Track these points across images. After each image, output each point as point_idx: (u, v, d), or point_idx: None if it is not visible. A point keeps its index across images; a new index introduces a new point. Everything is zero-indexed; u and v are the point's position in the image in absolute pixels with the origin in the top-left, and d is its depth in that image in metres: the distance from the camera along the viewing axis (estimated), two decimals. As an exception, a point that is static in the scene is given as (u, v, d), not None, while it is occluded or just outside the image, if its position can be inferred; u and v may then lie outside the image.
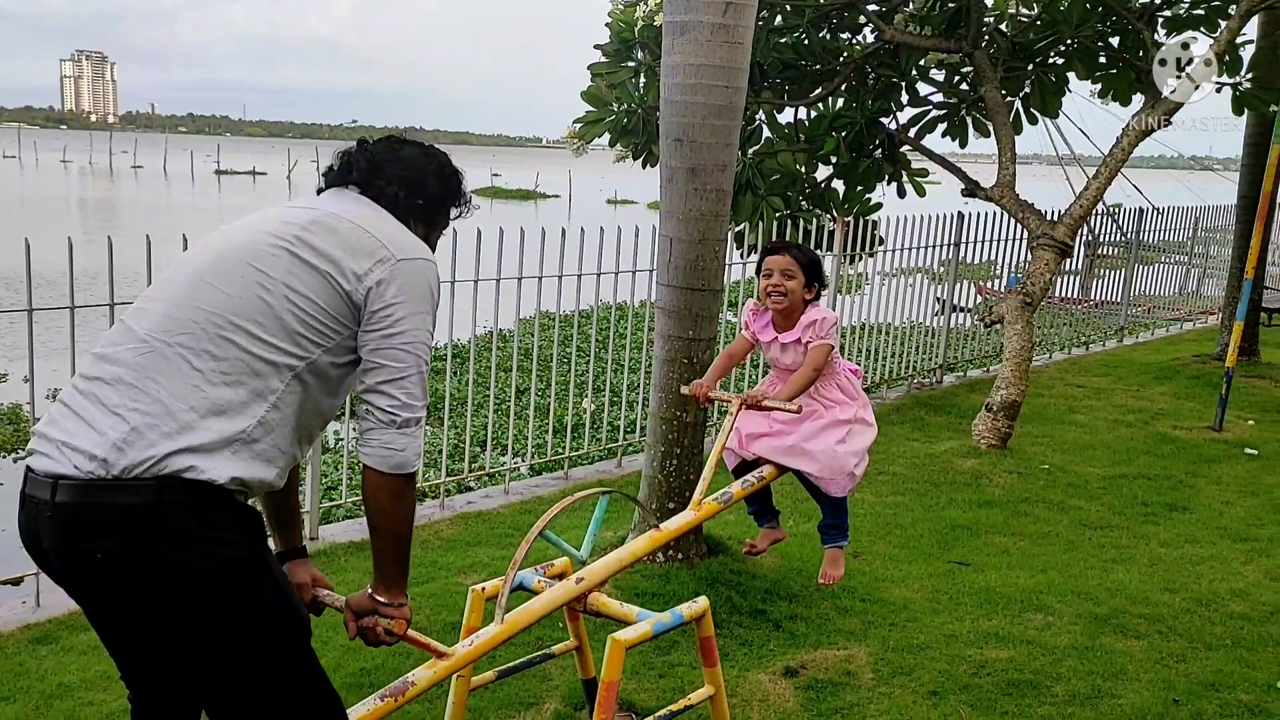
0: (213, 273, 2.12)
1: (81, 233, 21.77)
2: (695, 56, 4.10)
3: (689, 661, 3.67)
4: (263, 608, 2.09)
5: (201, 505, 1.99)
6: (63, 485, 1.95)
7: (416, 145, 2.41)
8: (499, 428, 8.37)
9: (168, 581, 1.97)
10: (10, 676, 3.63)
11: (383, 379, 2.15)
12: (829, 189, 7.89)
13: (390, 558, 2.23)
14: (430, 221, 2.40)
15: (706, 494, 3.29)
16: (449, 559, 4.75)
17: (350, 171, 2.34)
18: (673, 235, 4.30)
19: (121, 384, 2.02)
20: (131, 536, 1.94)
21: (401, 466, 2.16)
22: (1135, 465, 6.55)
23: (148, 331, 2.07)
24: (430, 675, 2.49)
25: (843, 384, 3.59)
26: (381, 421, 2.14)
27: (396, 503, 2.18)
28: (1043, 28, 7.28)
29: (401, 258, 2.18)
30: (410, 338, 2.17)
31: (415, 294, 2.17)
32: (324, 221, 2.19)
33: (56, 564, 2.02)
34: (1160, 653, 3.96)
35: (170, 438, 1.97)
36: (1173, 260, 13.50)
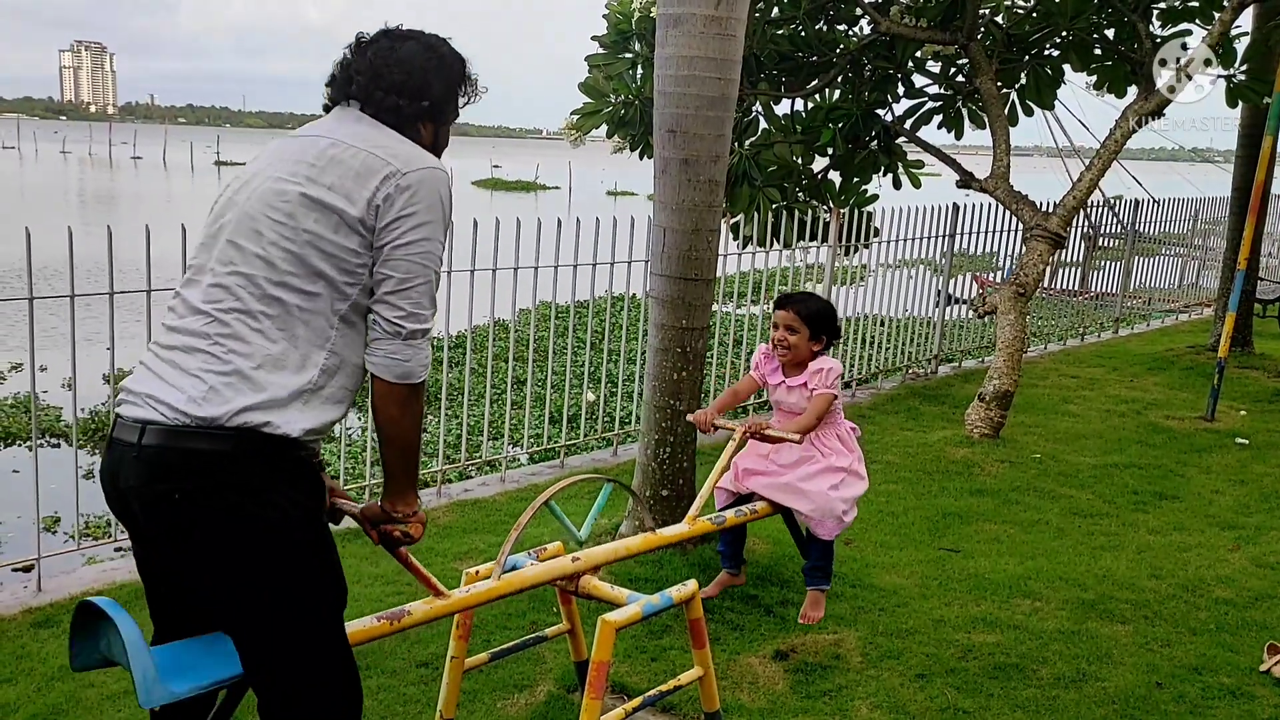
0: (243, 234, 2.19)
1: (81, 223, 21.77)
2: (688, 48, 4.15)
3: (681, 645, 3.72)
4: (310, 565, 2.22)
5: (274, 458, 2.13)
6: (150, 429, 2.09)
7: (416, 39, 2.36)
8: (496, 417, 8.43)
9: (230, 526, 2.10)
10: (12, 659, 3.69)
11: (389, 288, 2.20)
12: (825, 180, 7.93)
13: (400, 467, 2.32)
14: (439, 119, 2.41)
15: (701, 513, 3.39)
16: (445, 545, 4.81)
17: (350, 84, 2.32)
18: (666, 225, 4.35)
19: (196, 351, 2.14)
20: (206, 480, 2.08)
21: (407, 376, 2.22)
22: (1126, 455, 6.61)
23: (203, 302, 2.17)
24: (427, 610, 2.61)
25: (842, 435, 3.79)
26: (387, 332, 2.20)
27: (404, 411, 2.24)
28: (1038, 20, 7.31)
29: (406, 170, 2.20)
30: (417, 248, 2.20)
31: (422, 204, 2.20)
32: (328, 153, 2.21)
33: (134, 502, 2.14)
34: (1145, 637, 4.01)
35: (245, 395, 2.10)
36: (1172, 252, 13.54)
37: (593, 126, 7.45)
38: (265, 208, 2.19)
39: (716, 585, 3.98)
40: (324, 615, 2.25)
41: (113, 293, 4.41)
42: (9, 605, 4.11)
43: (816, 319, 3.68)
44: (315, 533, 2.24)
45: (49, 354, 4.30)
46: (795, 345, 3.67)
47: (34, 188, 41.25)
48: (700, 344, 4.46)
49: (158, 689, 2.10)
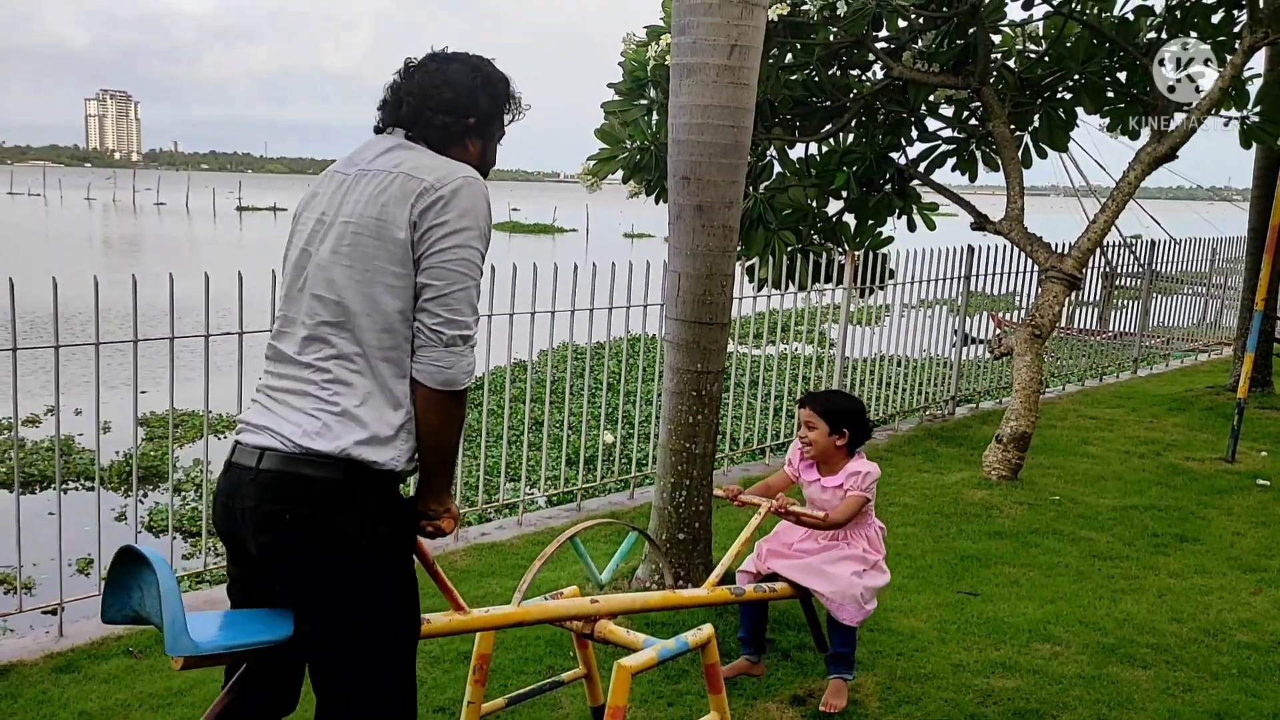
0: (321, 285, 2.29)
1: (105, 268, 21.97)
2: (702, 97, 4.21)
3: (698, 690, 3.72)
4: (397, 594, 2.33)
5: (381, 490, 2.27)
6: (268, 454, 2.23)
7: (462, 60, 2.45)
8: (514, 459, 8.45)
9: (340, 551, 2.22)
10: (34, 704, 3.71)
11: (429, 296, 2.26)
12: (840, 223, 7.97)
13: (437, 469, 2.38)
14: (486, 135, 2.49)
15: (721, 580, 3.39)
16: (462, 589, 4.80)
17: (401, 105, 2.41)
18: (681, 270, 4.39)
19: (304, 395, 2.26)
20: (318, 504, 2.21)
21: (450, 383, 2.28)
22: (1146, 496, 6.57)
23: (299, 353, 2.29)
24: (446, 622, 2.66)
25: (871, 537, 3.76)
26: (430, 340, 2.26)
27: (445, 418, 2.32)
28: (1050, 63, 7.37)
29: (438, 184, 2.26)
30: (454, 254, 2.25)
31: (456, 211, 2.26)
32: (373, 185, 2.30)
33: (247, 523, 2.26)
34: (1166, 682, 3.98)
35: (354, 431, 2.22)
36: (1191, 292, 13.51)
37: (609, 172, 7.53)
38: (335, 256, 2.28)
39: (733, 670, 3.91)
40: (401, 644, 2.35)
41: (136, 340, 4.48)
42: (31, 650, 4.14)
43: (833, 415, 3.65)
44: (406, 564, 2.37)
45: (83, 398, 4.38)
46: (815, 441, 3.66)
47: (59, 234, 41.80)
48: (716, 387, 4.49)
49: (184, 639, 2.15)
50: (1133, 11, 7.18)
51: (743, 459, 7.33)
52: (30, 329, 12.20)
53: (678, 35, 4.25)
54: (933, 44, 7.46)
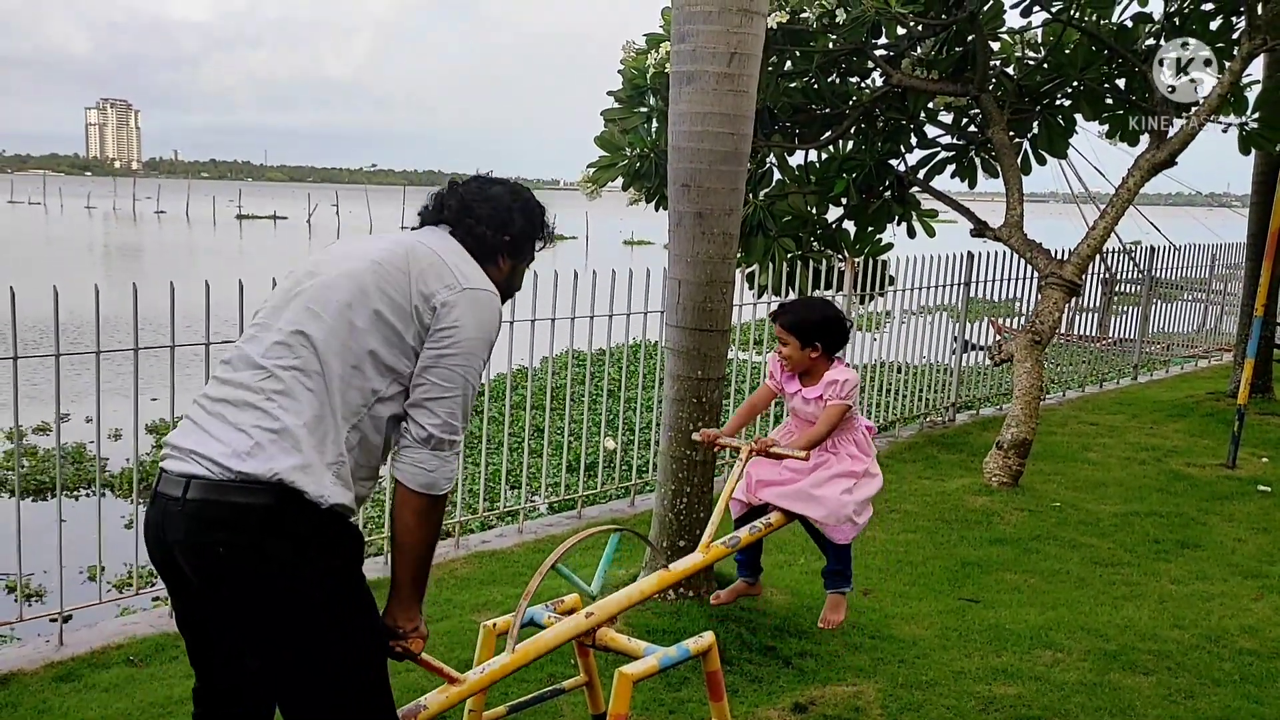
0: (318, 300, 2.29)
1: (105, 277, 21.96)
2: (701, 105, 4.22)
3: (699, 698, 3.71)
4: (353, 616, 2.26)
5: (315, 514, 2.18)
6: (194, 483, 2.15)
7: (504, 184, 2.58)
8: (515, 466, 8.45)
9: (277, 579, 2.15)
10: (34, 714, 3.71)
11: (427, 395, 2.28)
12: (840, 230, 7.98)
13: (408, 576, 2.35)
14: (517, 255, 2.57)
15: (714, 537, 3.36)
16: (463, 597, 4.81)
17: (442, 210, 2.52)
18: (681, 278, 4.40)
19: (245, 405, 2.20)
20: (251, 534, 2.13)
21: (430, 487, 2.28)
22: (1147, 503, 6.56)
23: (262, 356, 2.25)
24: (443, 700, 2.58)
25: (859, 440, 3.68)
26: (417, 439, 2.27)
27: (421, 521, 2.30)
28: (1048, 70, 7.39)
29: (466, 286, 2.33)
30: (461, 361, 2.30)
31: (475, 321, 2.32)
32: (412, 252, 2.36)
33: (180, 557, 2.19)
34: (1168, 689, 3.97)
35: (288, 454, 2.16)
36: (1191, 298, 13.52)
37: (608, 180, 7.54)
38: (345, 279, 2.30)
39: (731, 593, 3.87)
40: (362, 668, 2.28)
41: (137, 348, 4.48)
42: (32, 659, 4.14)
43: (802, 329, 3.54)
44: (354, 587, 2.28)
45: (92, 406, 4.39)
46: (789, 356, 3.59)
47: (60, 242, 41.84)
48: (716, 394, 4.49)
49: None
50: (1131, 18, 7.20)
51: (743, 466, 7.32)
52: (42, 337, 12.21)
53: (677, 43, 4.27)
54: (932, 51, 7.48)
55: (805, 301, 3.80)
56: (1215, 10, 7.00)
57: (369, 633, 2.30)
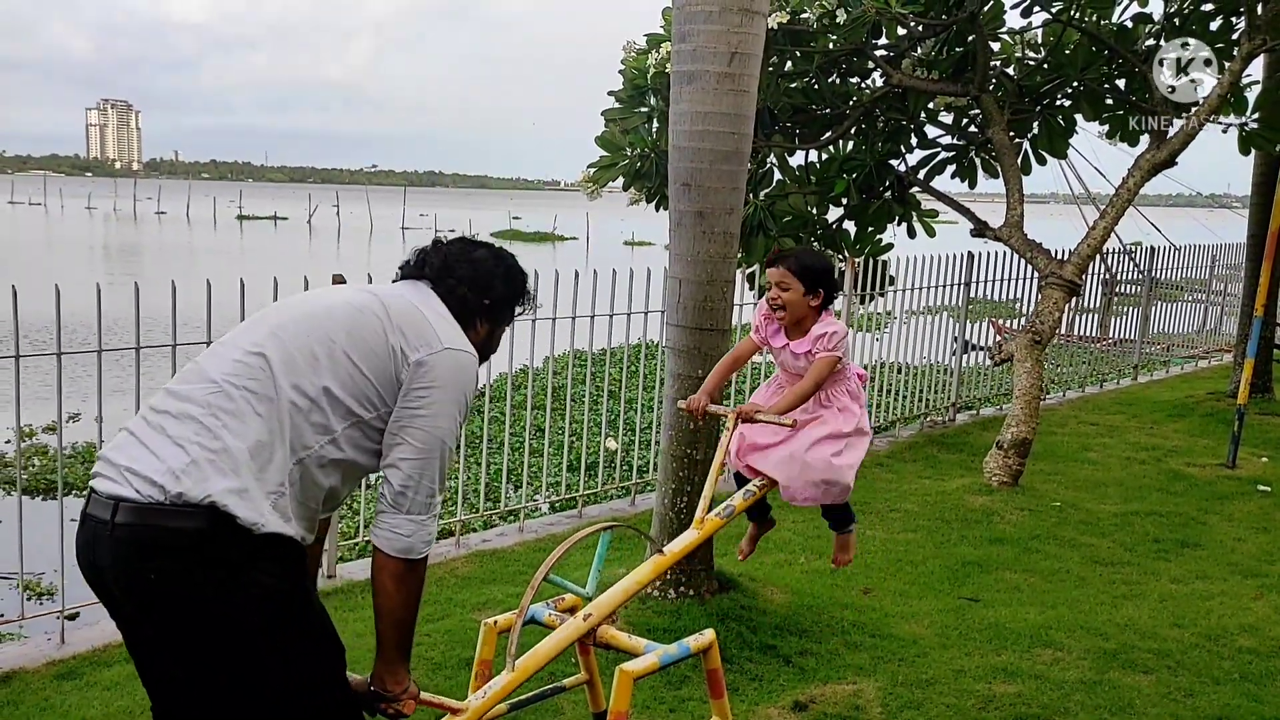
0: (287, 330, 2.27)
1: (105, 276, 21.97)
2: (702, 104, 4.22)
3: (700, 696, 3.72)
4: (295, 638, 2.19)
5: (248, 539, 2.09)
6: (123, 507, 2.07)
7: (488, 248, 2.58)
8: (516, 465, 8.46)
9: (212, 606, 2.08)
10: (36, 711, 3.71)
11: (404, 455, 2.27)
12: (840, 230, 7.99)
13: (392, 640, 2.33)
14: (495, 320, 2.56)
15: (708, 510, 3.31)
16: (464, 596, 4.82)
17: (424, 267, 2.50)
18: (681, 277, 4.41)
19: (188, 419, 2.14)
20: (183, 559, 2.06)
21: (407, 552, 2.26)
22: (1147, 502, 6.57)
23: (220, 374, 2.20)
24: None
25: (852, 389, 3.49)
26: (393, 504, 2.26)
27: (399, 586, 2.28)
28: (1049, 71, 7.40)
29: (446, 346, 2.32)
30: (437, 422, 2.28)
31: (451, 382, 2.31)
32: (392, 303, 2.35)
33: (111, 583, 2.12)
34: (1168, 687, 3.98)
35: (225, 475, 2.08)
36: (1191, 298, 13.53)
37: (609, 180, 7.55)
38: (317, 314, 2.31)
39: (749, 541, 3.75)
40: (311, 691, 2.21)
41: (139, 347, 4.49)
42: (33, 658, 4.14)
43: (809, 273, 3.35)
44: (296, 608, 2.21)
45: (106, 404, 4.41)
46: (791, 303, 3.37)
47: (60, 242, 41.87)
48: (717, 393, 4.49)
49: None
50: (1131, 19, 7.21)
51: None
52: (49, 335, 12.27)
53: (678, 43, 4.28)
54: (932, 51, 7.49)
55: (804, 249, 3.62)
56: (1215, 10, 7.01)
57: (315, 656, 2.23)
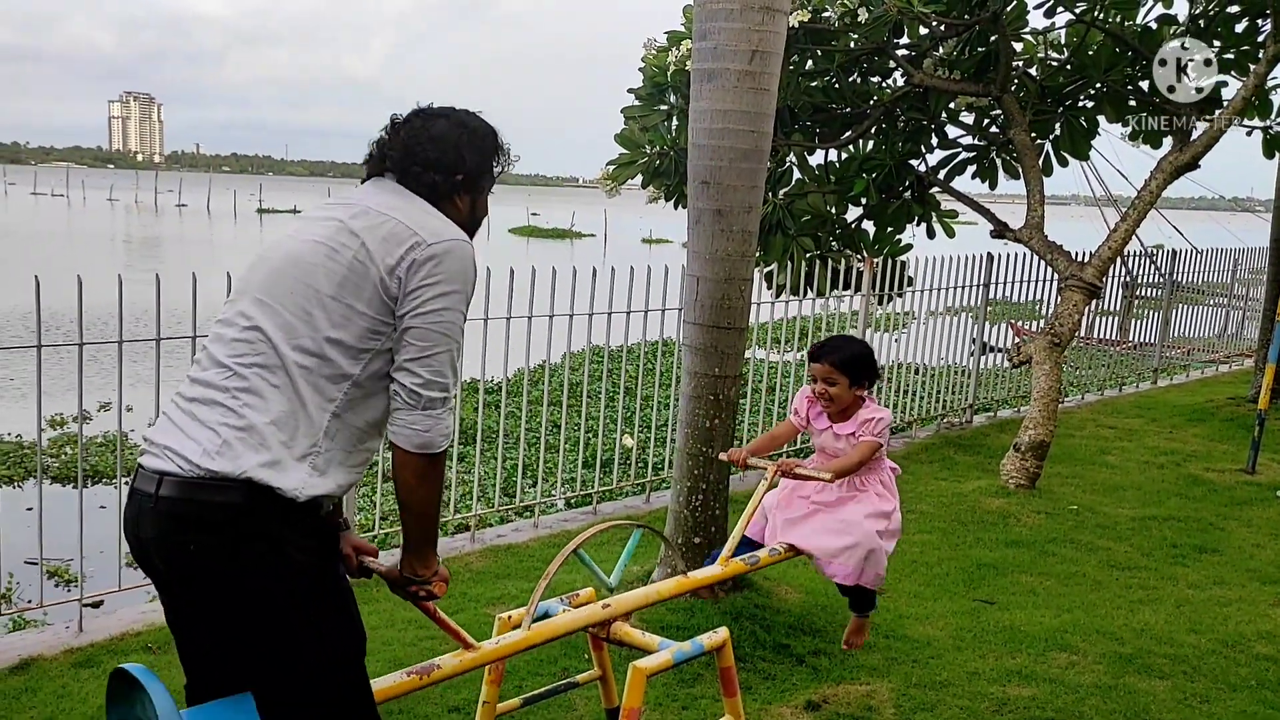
0: (271, 293, 2.24)
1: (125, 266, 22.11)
2: (722, 102, 4.22)
3: (712, 694, 3.72)
4: (327, 614, 2.23)
5: (285, 511, 2.14)
6: (166, 481, 2.13)
7: (446, 118, 2.42)
8: (531, 461, 8.48)
9: (247, 578, 2.13)
10: (53, 699, 3.74)
11: (410, 355, 2.22)
12: (859, 230, 7.98)
13: (417, 533, 2.34)
14: (475, 190, 2.45)
15: (734, 552, 3.37)
16: (478, 591, 4.83)
17: (385, 160, 2.39)
18: (699, 274, 4.40)
19: (213, 404, 2.18)
20: (220, 532, 2.11)
21: (426, 446, 2.24)
22: (1166, 507, 6.53)
23: (226, 356, 2.22)
24: (456, 664, 2.61)
25: (885, 480, 3.64)
26: (407, 401, 2.22)
27: (421, 481, 2.26)
28: (1071, 72, 7.36)
29: (431, 241, 2.23)
30: (438, 317, 2.22)
31: (445, 274, 2.23)
32: (358, 220, 2.26)
33: (154, 555, 2.18)
34: (1184, 693, 3.96)
35: (256, 451, 2.13)
36: (1213, 302, 13.43)
37: (628, 177, 7.55)
38: (291, 267, 2.25)
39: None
40: (342, 662, 2.26)
41: (159, 339, 4.52)
42: (51, 645, 4.18)
43: (853, 365, 3.50)
44: (329, 585, 2.26)
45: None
46: (838, 396, 3.52)
47: (82, 233, 42.17)
48: (733, 391, 4.49)
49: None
50: (1156, 20, 7.16)
51: (759, 465, 7.31)
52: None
53: (699, 40, 4.27)
54: (954, 51, 7.46)
55: (844, 339, 3.68)
56: (1240, 13, 6.96)
57: (345, 631, 2.27)
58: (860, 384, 3.53)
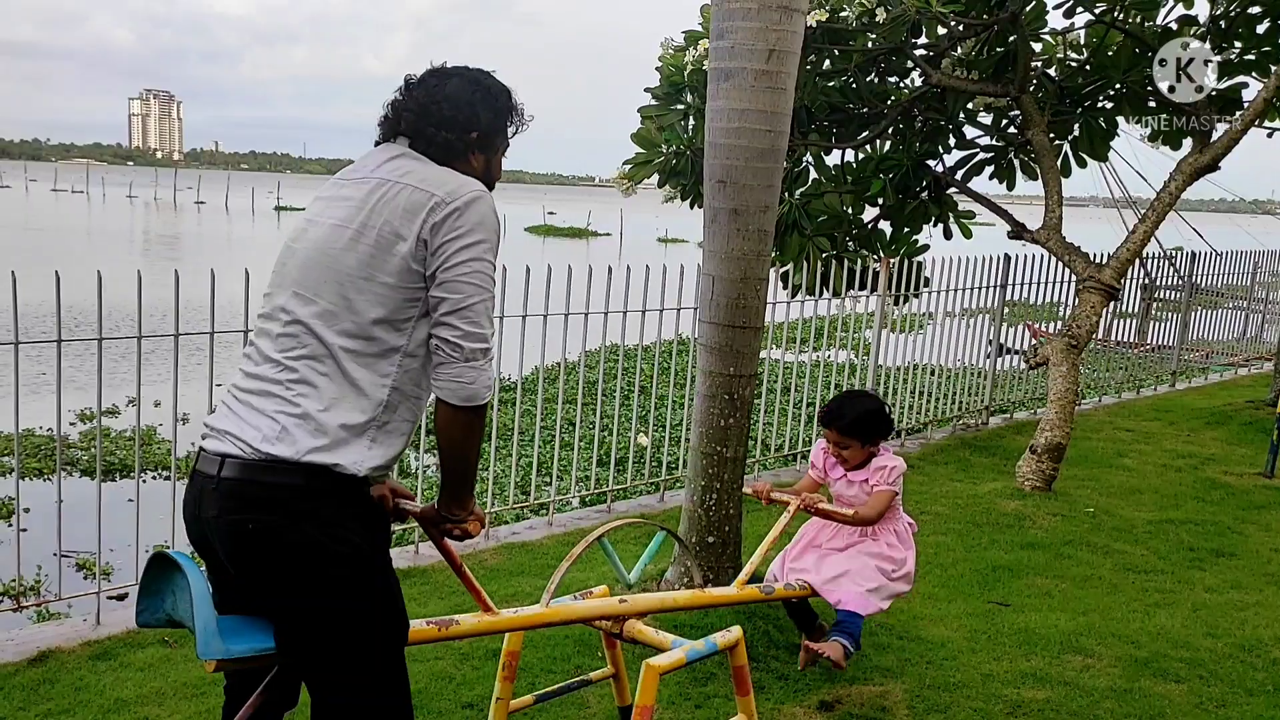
0: (305, 285, 2.27)
1: (144, 262, 22.24)
2: (739, 101, 4.21)
3: (725, 693, 3.72)
4: (375, 598, 2.29)
5: (343, 494, 2.22)
6: (229, 462, 2.20)
7: (459, 76, 2.42)
8: (546, 458, 8.49)
9: (300, 556, 2.19)
10: (70, 691, 3.77)
11: (445, 310, 2.23)
12: (876, 230, 7.96)
13: (458, 479, 2.37)
14: (489, 149, 2.45)
15: (750, 577, 3.40)
16: (492, 587, 4.84)
17: (400, 122, 2.39)
18: (715, 274, 4.40)
19: (269, 395, 2.24)
20: (280, 512, 2.17)
21: (472, 399, 2.26)
22: (1183, 510, 6.49)
23: (274, 351, 2.27)
24: (474, 623, 2.67)
25: (900, 531, 3.73)
26: (450, 355, 2.24)
27: (467, 433, 2.30)
28: (1091, 72, 7.32)
29: (450, 198, 2.24)
30: (468, 268, 2.23)
31: (469, 224, 2.23)
32: (376, 193, 2.27)
33: (212, 534, 2.24)
34: (1200, 697, 3.93)
35: (314, 437, 2.19)
36: (1232, 305, 13.34)
37: (644, 176, 7.55)
38: (320, 255, 2.27)
39: (806, 654, 3.57)
40: (384, 648, 2.32)
41: (177, 334, 4.55)
42: (69, 638, 4.21)
43: (862, 427, 3.61)
44: (381, 568, 2.33)
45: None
46: (851, 457, 3.65)
47: (101, 230, 42.43)
48: (748, 391, 4.49)
49: (215, 643, 2.20)
50: (1176, 21, 7.11)
51: (774, 464, 7.32)
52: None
53: (716, 40, 4.27)
54: (972, 51, 7.43)
55: (849, 400, 3.69)
56: (1262, 14, 6.91)
57: (390, 616, 2.34)
58: (873, 441, 3.64)
